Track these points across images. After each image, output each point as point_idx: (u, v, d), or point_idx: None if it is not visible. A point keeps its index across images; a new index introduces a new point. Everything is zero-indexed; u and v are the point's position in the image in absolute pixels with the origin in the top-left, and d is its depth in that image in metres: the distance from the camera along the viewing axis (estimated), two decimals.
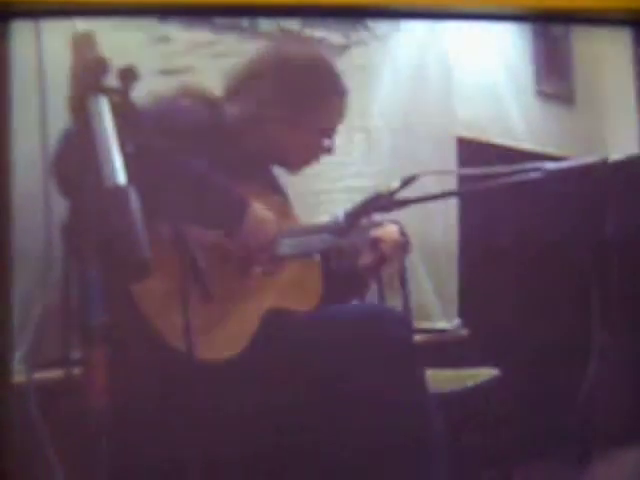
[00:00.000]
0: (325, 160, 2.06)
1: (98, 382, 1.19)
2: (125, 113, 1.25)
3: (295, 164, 2.04)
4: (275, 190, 2.03)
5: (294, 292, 1.89)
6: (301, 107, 1.95)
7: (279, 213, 1.88)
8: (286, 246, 1.86)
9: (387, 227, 2.03)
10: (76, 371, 1.33)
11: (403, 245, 2.05)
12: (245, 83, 1.96)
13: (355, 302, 2.23)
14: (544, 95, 3.76)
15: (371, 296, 2.31)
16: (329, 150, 2.02)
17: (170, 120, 1.77)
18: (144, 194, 1.19)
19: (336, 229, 1.86)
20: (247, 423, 1.70)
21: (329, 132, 2.02)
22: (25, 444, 1.59)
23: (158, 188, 1.48)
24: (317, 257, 1.99)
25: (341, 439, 1.70)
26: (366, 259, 2.03)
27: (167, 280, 1.57)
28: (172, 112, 1.84)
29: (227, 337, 1.72)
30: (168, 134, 1.66)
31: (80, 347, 1.28)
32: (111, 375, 1.16)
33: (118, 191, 1.17)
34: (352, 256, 2.03)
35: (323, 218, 2.02)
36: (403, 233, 2.04)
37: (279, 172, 2.08)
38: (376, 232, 2.01)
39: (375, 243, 2.00)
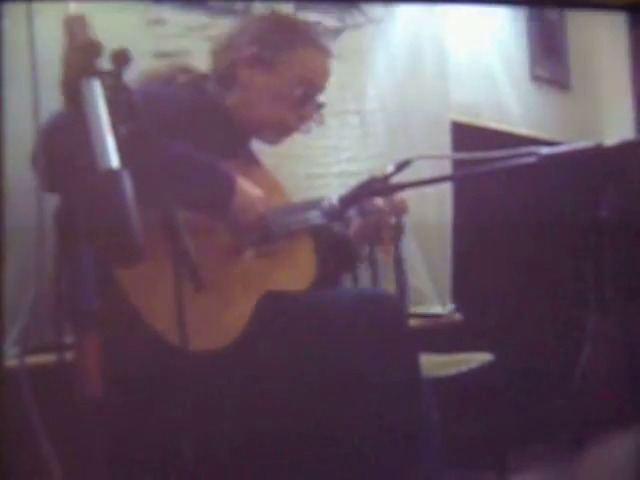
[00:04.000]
0: (319, 144, 2.03)
1: (91, 367, 1.18)
2: (118, 96, 1.24)
3: (276, 132, 1.95)
4: (259, 165, 2.00)
5: (288, 272, 1.87)
6: (278, 47, 1.88)
7: (267, 189, 1.84)
8: (277, 225, 1.83)
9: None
10: (69, 356, 1.33)
11: (400, 209, 2.00)
12: (225, 48, 1.93)
13: (349, 284, 2.23)
14: (539, 79, 3.76)
15: (365, 280, 2.31)
16: (318, 120, 1.95)
17: (156, 101, 1.74)
18: (134, 178, 1.18)
19: (330, 214, 1.85)
20: (242, 409, 1.70)
21: (311, 91, 1.93)
22: (17, 429, 1.58)
23: (145, 172, 1.46)
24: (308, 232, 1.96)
25: (337, 423, 1.70)
26: (357, 226, 2.00)
27: (156, 268, 1.55)
28: (158, 93, 1.82)
29: (221, 326, 1.71)
30: (153, 115, 1.64)
31: (72, 332, 1.27)
32: (104, 361, 1.16)
33: (111, 174, 1.17)
34: (344, 225, 2.00)
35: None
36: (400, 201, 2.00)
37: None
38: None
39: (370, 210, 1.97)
